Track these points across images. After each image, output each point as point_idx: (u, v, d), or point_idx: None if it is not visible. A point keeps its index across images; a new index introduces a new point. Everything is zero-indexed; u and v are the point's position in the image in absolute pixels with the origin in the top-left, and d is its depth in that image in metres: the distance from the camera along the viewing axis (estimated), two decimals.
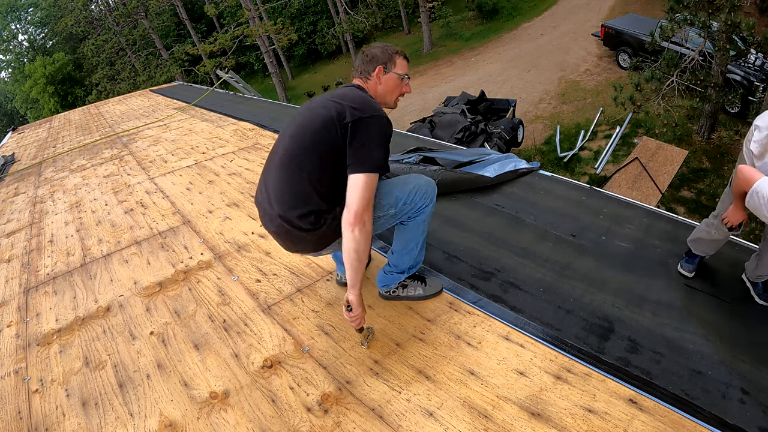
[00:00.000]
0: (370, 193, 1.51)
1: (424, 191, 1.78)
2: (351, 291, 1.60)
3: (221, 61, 19.18)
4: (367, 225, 1.52)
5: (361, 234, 1.51)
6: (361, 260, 1.55)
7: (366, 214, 1.50)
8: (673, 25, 7.40)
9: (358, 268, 1.55)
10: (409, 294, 2.00)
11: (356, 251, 1.52)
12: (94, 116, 8.63)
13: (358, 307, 1.63)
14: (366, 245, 1.53)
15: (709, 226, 2.17)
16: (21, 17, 26.42)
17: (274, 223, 1.70)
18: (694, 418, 1.41)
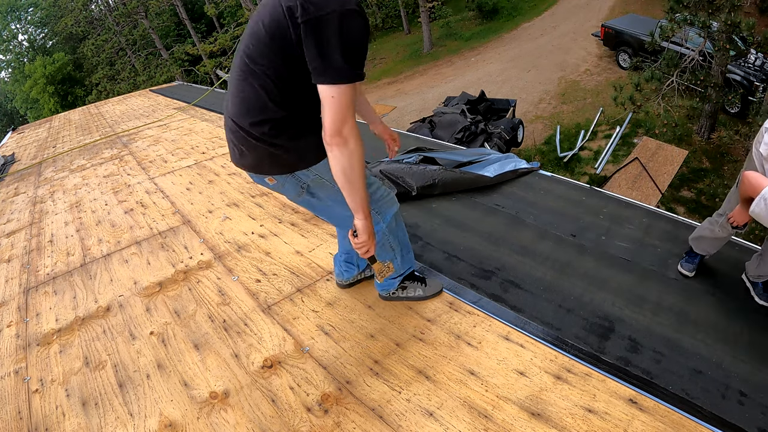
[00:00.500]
0: (339, 106, 1.30)
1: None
2: (355, 216, 1.49)
3: (221, 61, 19.18)
4: (350, 143, 1.34)
5: (342, 153, 1.34)
6: (351, 182, 1.40)
7: (345, 129, 1.32)
8: (673, 25, 7.40)
9: (350, 190, 1.42)
10: (409, 295, 1.99)
11: (342, 173, 1.38)
12: (94, 116, 8.63)
13: (363, 233, 1.50)
14: (353, 164, 1.37)
15: (713, 224, 2.18)
16: (21, 17, 26.41)
17: (228, 126, 1.57)
18: (694, 418, 1.41)
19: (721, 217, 2.15)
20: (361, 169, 1.40)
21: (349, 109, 1.32)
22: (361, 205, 1.46)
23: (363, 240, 1.52)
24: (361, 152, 1.38)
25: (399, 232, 1.83)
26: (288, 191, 1.66)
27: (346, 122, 1.32)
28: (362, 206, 1.46)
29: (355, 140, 1.35)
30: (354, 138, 1.35)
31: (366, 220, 1.48)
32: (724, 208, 2.15)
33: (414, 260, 1.95)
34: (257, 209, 3.14)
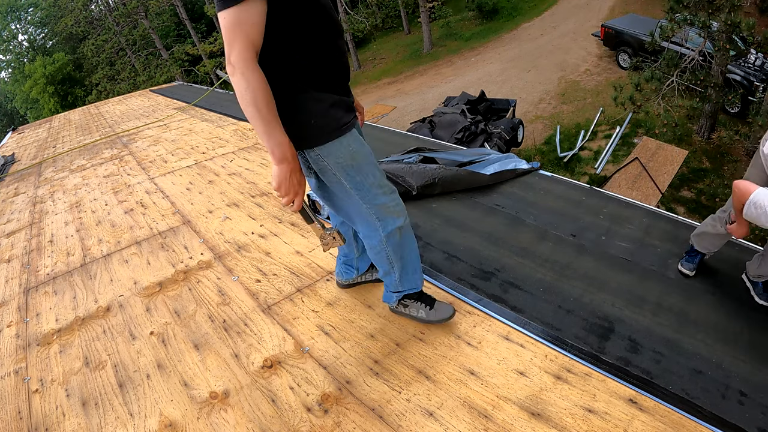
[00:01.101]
0: (225, 31, 1.21)
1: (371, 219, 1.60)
2: (271, 159, 1.37)
3: (221, 61, 19.16)
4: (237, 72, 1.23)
5: (234, 82, 1.25)
6: (251, 116, 1.28)
7: (232, 56, 1.22)
8: (673, 25, 7.40)
9: (254, 124, 1.31)
10: (411, 314, 1.87)
11: (241, 104, 1.28)
12: (94, 116, 8.63)
13: (275, 178, 1.38)
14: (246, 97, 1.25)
15: (716, 220, 2.19)
16: (21, 17, 26.42)
17: None
18: (694, 418, 1.41)
19: (725, 213, 2.16)
20: (259, 103, 1.26)
21: (235, 32, 1.20)
22: (267, 143, 1.33)
23: (275, 186, 1.40)
24: (257, 84, 1.24)
25: (405, 249, 1.69)
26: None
27: (233, 48, 1.21)
28: (270, 146, 1.33)
29: (244, 70, 1.22)
30: (242, 67, 1.22)
31: (279, 164, 1.36)
32: (728, 205, 2.16)
33: (420, 282, 1.81)
34: (257, 209, 3.14)
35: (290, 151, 1.35)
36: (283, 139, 1.33)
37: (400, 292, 1.81)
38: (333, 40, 1.42)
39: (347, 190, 1.53)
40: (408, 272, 1.75)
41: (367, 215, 1.59)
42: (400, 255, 1.69)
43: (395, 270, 1.72)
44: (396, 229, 1.62)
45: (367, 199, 1.55)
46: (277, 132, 1.31)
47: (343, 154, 1.47)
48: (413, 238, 1.73)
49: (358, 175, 1.52)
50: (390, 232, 1.62)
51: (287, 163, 1.36)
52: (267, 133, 1.31)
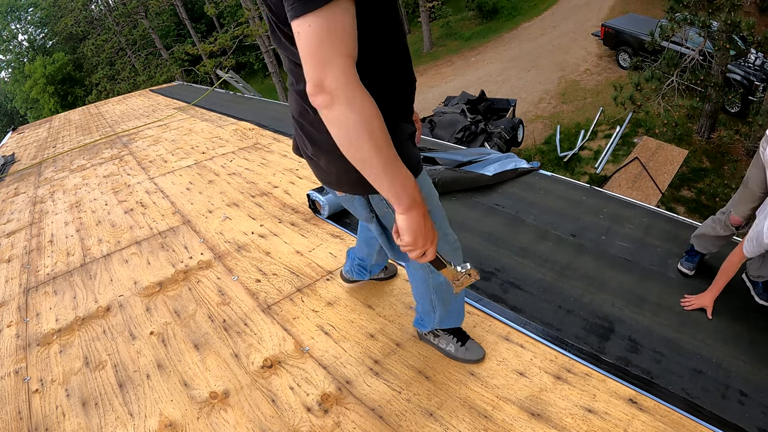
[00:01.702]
0: (310, 45, 0.85)
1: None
2: (395, 207, 1.03)
3: (221, 61, 19.18)
4: (339, 100, 0.88)
5: (332, 117, 0.90)
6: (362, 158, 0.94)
7: (327, 80, 0.86)
8: (673, 25, 7.40)
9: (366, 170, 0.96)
10: (440, 346, 1.73)
11: (342, 146, 0.94)
12: (94, 116, 8.63)
13: (407, 231, 1.05)
14: (355, 133, 0.91)
15: (716, 222, 2.19)
16: (21, 17, 26.42)
17: None
18: (694, 418, 1.41)
19: (724, 215, 2.16)
20: (378, 137, 0.92)
21: (327, 44, 0.84)
22: (390, 189, 0.98)
23: (407, 242, 1.06)
24: (371, 111, 0.91)
25: (451, 297, 1.55)
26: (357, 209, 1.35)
27: (328, 67, 0.85)
28: (395, 191, 0.99)
29: (351, 95, 0.88)
30: (348, 92, 0.87)
31: (410, 211, 1.02)
32: (727, 207, 2.16)
33: (461, 321, 1.68)
34: (257, 209, 3.14)
35: (419, 191, 1.03)
36: (410, 179, 1.01)
37: (434, 329, 1.69)
38: (407, 50, 1.14)
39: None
40: (451, 315, 1.62)
41: (422, 264, 1.40)
42: (446, 303, 1.54)
43: (436, 313, 1.58)
44: (446, 280, 1.42)
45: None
46: (402, 170, 0.99)
47: None
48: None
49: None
50: (439, 282, 1.46)
51: (418, 207, 1.03)
52: (391, 174, 0.97)
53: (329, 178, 1.24)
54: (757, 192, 2.02)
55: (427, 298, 1.54)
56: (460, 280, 1.27)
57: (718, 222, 2.19)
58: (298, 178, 3.56)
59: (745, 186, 2.08)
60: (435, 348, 1.76)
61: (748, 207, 2.09)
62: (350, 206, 1.37)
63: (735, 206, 2.14)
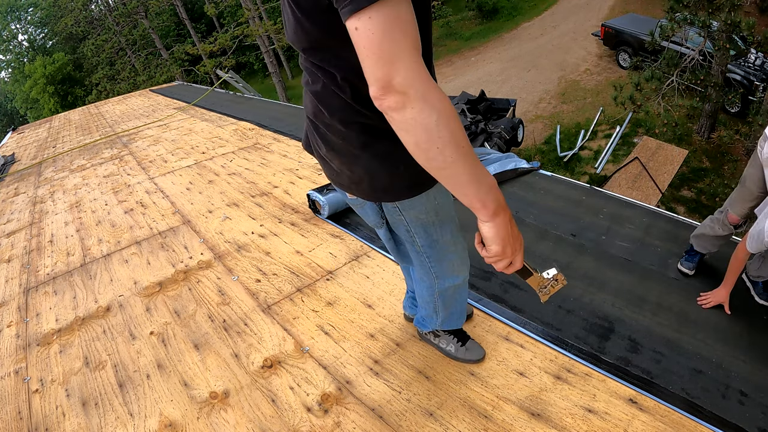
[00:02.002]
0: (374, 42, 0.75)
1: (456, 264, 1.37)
2: (478, 216, 0.93)
3: (221, 61, 19.17)
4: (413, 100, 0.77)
5: (406, 119, 0.79)
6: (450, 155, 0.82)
7: (397, 78, 0.76)
8: (673, 25, 7.40)
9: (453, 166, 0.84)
10: (440, 346, 1.72)
11: (419, 150, 0.83)
12: (94, 116, 8.63)
13: (495, 240, 0.93)
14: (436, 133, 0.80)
15: (714, 222, 2.19)
16: (21, 17, 26.42)
17: None
18: (694, 418, 1.41)
19: (722, 214, 2.16)
20: (458, 136, 0.82)
21: (396, 39, 0.75)
22: (477, 195, 0.88)
23: (496, 252, 0.95)
24: (448, 109, 0.81)
25: (455, 303, 1.53)
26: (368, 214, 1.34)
27: (397, 64, 0.76)
28: (481, 197, 0.89)
29: (426, 93, 0.78)
30: (422, 90, 0.78)
31: (496, 218, 0.91)
32: (725, 206, 2.16)
33: (461, 323, 1.66)
34: (257, 209, 3.14)
35: (501, 194, 0.93)
36: (494, 182, 0.91)
37: (435, 330, 1.67)
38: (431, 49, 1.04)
39: (417, 249, 1.29)
40: (453, 319, 1.60)
41: (427, 270, 1.38)
42: (448, 307, 1.53)
43: (438, 317, 1.57)
44: (452, 286, 1.42)
45: (434, 258, 1.31)
46: (486, 172, 0.89)
47: (427, 210, 1.18)
48: (466, 290, 1.54)
49: (436, 232, 1.25)
50: (444, 288, 1.43)
51: (504, 212, 0.93)
52: (476, 178, 0.87)
53: (341, 180, 1.19)
54: (754, 191, 2.03)
55: (431, 305, 1.52)
56: (547, 287, 1.14)
57: (717, 221, 2.19)
58: (298, 178, 3.56)
59: (743, 185, 2.09)
60: (435, 348, 1.75)
61: (746, 206, 2.09)
62: (360, 210, 1.34)
63: (732, 205, 2.14)
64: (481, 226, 0.94)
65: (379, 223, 1.32)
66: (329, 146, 1.13)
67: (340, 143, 1.09)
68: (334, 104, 1.03)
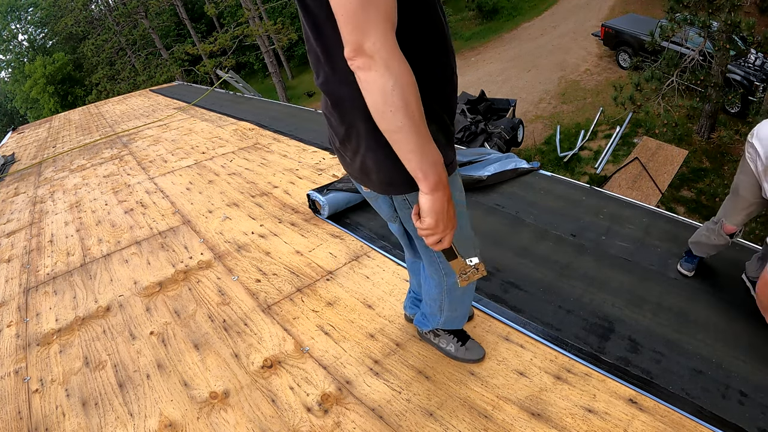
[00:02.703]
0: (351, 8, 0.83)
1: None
2: (420, 185, 0.98)
3: (221, 61, 19.18)
4: (377, 62, 0.86)
5: (369, 79, 0.87)
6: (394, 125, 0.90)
7: (367, 43, 0.85)
8: (673, 25, 7.40)
9: (396, 138, 0.92)
10: (440, 345, 1.72)
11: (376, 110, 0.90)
12: (94, 116, 8.63)
13: (430, 213, 1.00)
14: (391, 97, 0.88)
15: (710, 231, 2.17)
16: (21, 17, 26.43)
17: None
18: (694, 418, 1.41)
19: (716, 225, 2.14)
20: (411, 105, 0.89)
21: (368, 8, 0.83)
22: (419, 164, 0.94)
23: (429, 224, 1.01)
24: (407, 78, 0.88)
25: (462, 303, 1.52)
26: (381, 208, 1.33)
27: (368, 31, 0.84)
28: (423, 167, 0.94)
29: (389, 59, 0.86)
30: (386, 56, 0.85)
31: (435, 192, 0.97)
32: (719, 215, 2.14)
33: (463, 323, 1.65)
34: (257, 209, 3.14)
35: (446, 174, 1.00)
36: (440, 159, 0.97)
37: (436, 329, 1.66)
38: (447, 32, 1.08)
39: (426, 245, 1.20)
40: (456, 320, 1.59)
41: (436, 266, 1.37)
42: (455, 307, 1.52)
43: (442, 316, 1.55)
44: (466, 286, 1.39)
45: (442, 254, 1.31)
46: (434, 148, 0.96)
47: None
48: (473, 291, 1.55)
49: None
50: (452, 285, 1.42)
51: (443, 189, 0.98)
52: (421, 148, 0.93)
53: (354, 171, 1.21)
54: (749, 198, 1.96)
55: (437, 302, 1.51)
56: (468, 273, 1.23)
57: (712, 231, 2.15)
58: (298, 178, 3.56)
59: (736, 194, 2.02)
60: (435, 347, 1.75)
61: (742, 214, 2.03)
62: (375, 204, 1.34)
63: (727, 216, 2.08)
64: (420, 197, 1.00)
65: (392, 217, 1.33)
66: (339, 138, 1.15)
67: (347, 134, 1.11)
68: (337, 94, 1.06)
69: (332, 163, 3.75)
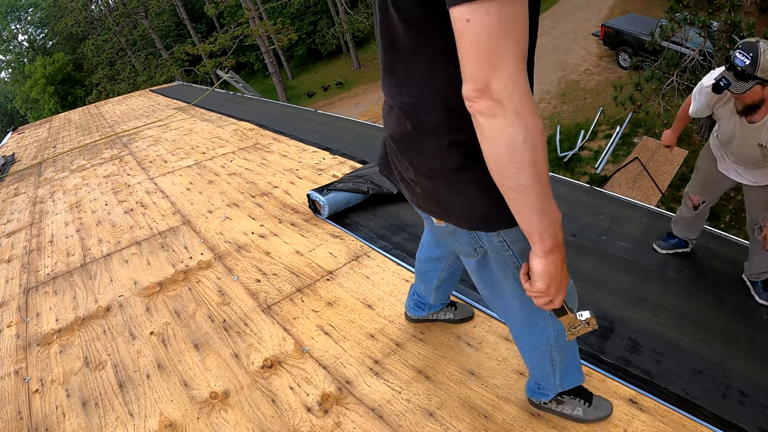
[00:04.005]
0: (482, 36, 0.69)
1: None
2: (533, 247, 0.90)
3: (221, 61, 19.19)
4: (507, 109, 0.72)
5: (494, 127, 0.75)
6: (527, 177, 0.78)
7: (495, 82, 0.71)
8: (673, 25, 7.40)
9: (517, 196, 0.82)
10: (565, 412, 1.42)
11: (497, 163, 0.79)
12: (94, 116, 8.63)
13: (543, 277, 0.92)
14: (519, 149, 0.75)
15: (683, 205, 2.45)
16: (21, 17, 26.45)
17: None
18: (694, 418, 1.41)
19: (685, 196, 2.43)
20: (539, 160, 0.77)
21: (504, 41, 0.69)
22: (539, 226, 0.85)
23: (539, 289, 0.93)
24: (537, 128, 0.75)
25: (571, 347, 1.29)
26: (460, 243, 1.15)
27: (500, 68, 0.70)
28: (541, 229, 0.86)
29: (521, 105, 0.73)
30: (518, 101, 0.72)
31: (550, 255, 0.89)
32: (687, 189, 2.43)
33: (582, 376, 1.40)
34: (257, 209, 3.14)
35: (561, 231, 0.90)
36: (558, 215, 0.87)
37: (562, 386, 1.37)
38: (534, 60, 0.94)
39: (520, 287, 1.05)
40: (572, 370, 1.34)
41: (533, 313, 1.17)
42: (566, 355, 1.28)
43: (556, 374, 1.32)
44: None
45: None
46: (553, 204, 0.85)
47: None
48: None
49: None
50: (560, 331, 1.20)
51: (560, 251, 0.90)
52: (544, 208, 0.83)
53: (428, 205, 1.07)
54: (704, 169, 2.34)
55: (546, 356, 1.27)
56: (577, 328, 1.09)
57: (684, 204, 2.42)
58: (298, 178, 3.56)
59: (697, 167, 2.42)
60: (558, 415, 1.45)
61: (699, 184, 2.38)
62: (450, 238, 1.18)
63: (690, 187, 2.41)
64: (533, 258, 0.91)
65: (471, 253, 1.15)
66: (418, 168, 1.01)
67: (433, 164, 0.97)
68: (428, 118, 0.92)
69: (332, 163, 3.75)
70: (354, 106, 16.96)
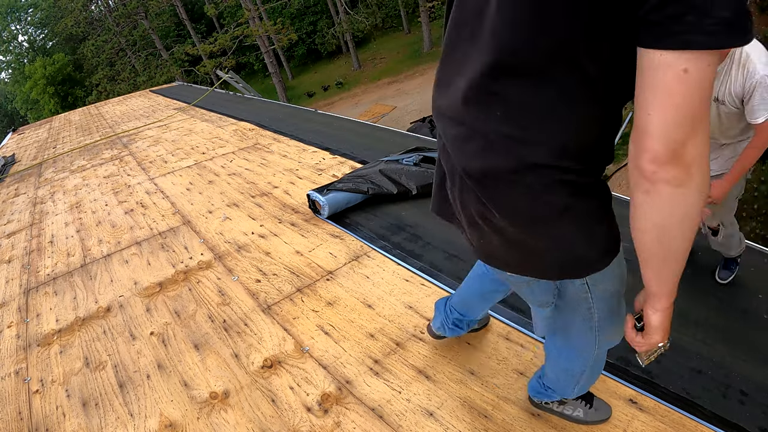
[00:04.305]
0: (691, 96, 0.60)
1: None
2: (653, 302, 0.88)
3: (221, 61, 19.20)
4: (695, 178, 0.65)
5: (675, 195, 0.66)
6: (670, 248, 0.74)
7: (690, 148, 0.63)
8: None
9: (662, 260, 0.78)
10: (565, 413, 1.42)
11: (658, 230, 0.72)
12: (94, 117, 8.64)
13: (658, 331, 0.90)
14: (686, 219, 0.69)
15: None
16: (21, 18, 26.47)
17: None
18: (694, 418, 1.40)
19: None
20: (693, 227, 0.71)
21: (706, 104, 0.61)
22: (670, 284, 0.84)
23: (656, 342, 0.91)
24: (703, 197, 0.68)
25: (600, 364, 1.24)
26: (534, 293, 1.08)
27: (697, 131, 0.62)
28: (669, 288, 0.85)
29: (702, 177, 0.65)
30: (701, 168, 0.65)
31: (668, 309, 0.89)
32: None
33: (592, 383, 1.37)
34: (257, 209, 3.14)
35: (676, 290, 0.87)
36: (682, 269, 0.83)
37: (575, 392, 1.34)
38: None
39: (592, 325, 1.04)
40: (587, 386, 1.32)
41: (593, 343, 1.11)
42: (595, 373, 1.27)
43: (578, 387, 1.29)
44: (606, 351, 1.18)
45: (605, 328, 1.07)
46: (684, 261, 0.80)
47: (613, 278, 0.98)
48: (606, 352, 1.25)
49: (615, 301, 1.03)
50: (602, 354, 1.17)
51: (671, 306, 0.90)
52: (679, 270, 0.80)
53: (505, 254, 0.96)
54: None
55: (575, 377, 1.24)
56: (654, 353, 1.03)
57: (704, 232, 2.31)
58: (298, 178, 3.56)
59: None
60: (558, 416, 1.45)
61: None
62: (524, 289, 1.08)
63: None
64: (652, 313, 0.87)
65: (547, 303, 1.07)
66: (510, 213, 0.87)
67: (529, 207, 0.84)
68: (538, 157, 0.79)
69: (332, 163, 3.75)
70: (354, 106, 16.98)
